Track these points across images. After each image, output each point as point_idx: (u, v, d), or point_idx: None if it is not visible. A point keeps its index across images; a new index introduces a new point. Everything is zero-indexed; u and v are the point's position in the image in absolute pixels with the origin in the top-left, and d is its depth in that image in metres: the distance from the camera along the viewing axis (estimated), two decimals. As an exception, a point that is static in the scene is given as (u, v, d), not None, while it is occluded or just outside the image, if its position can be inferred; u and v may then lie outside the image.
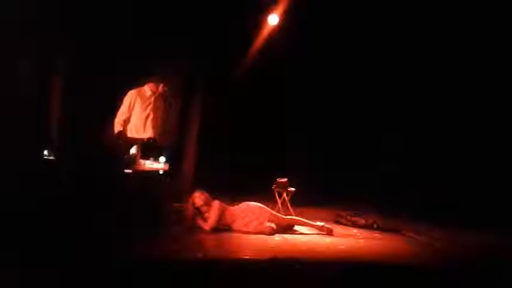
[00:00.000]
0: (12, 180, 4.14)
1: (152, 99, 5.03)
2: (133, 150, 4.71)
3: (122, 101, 5.02)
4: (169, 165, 4.94)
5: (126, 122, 4.96)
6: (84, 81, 6.06)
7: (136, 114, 4.95)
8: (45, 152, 4.64)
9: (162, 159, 4.86)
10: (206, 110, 7.03)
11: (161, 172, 4.84)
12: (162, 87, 5.09)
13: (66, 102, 6.06)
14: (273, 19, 6.85)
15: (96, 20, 5.94)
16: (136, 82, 5.13)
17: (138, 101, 4.97)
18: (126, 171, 4.62)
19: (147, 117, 4.97)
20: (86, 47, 6.07)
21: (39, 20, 5.44)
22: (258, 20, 6.89)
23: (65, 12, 5.73)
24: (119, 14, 6.01)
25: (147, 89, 5.04)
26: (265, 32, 6.97)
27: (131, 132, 4.97)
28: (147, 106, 4.99)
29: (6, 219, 3.74)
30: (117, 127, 4.94)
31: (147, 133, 4.95)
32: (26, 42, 5.40)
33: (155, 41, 6.15)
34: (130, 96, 4.99)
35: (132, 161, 4.68)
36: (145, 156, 4.80)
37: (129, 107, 4.96)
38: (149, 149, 4.85)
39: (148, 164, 4.82)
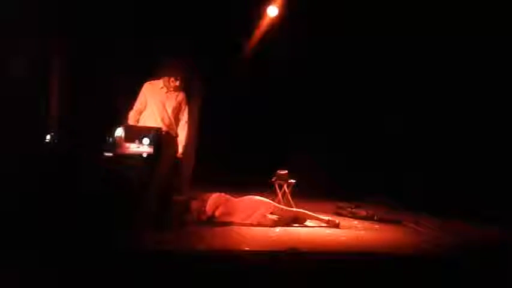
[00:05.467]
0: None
1: (164, 93, 5.05)
2: (118, 133, 4.57)
3: (137, 94, 5.02)
4: (154, 148, 4.60)
5: (141, 113, 4.99)
6: (84, 81, 6.10)
7: (149, 107, 4.99)
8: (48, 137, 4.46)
9: (146, 141, 4.58)
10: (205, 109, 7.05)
11: (145, 155, 4.53)
12: (173, 81, 5.11)
13: (65, 102, 6.08)
14: (273, 11, 6.81)
15: (96, 20, 5.98)
16: (141, 80, 5.15)
17: (151, 94, 4.99)
18: (106, 154, 4.47)
19: (157, 109, 4.99)
20: (86, 47, 6.11)
21: (39, 20, 5.49)
22: (258, 16, 6.90)
23: (65, 12, 5.78)
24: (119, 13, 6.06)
25: (161, 83, 5.07)
26: (264, 25, 6.94)
27: (144, 123, 4.97)
28: (159, 100, 5.02)
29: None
30: (131, 120, 4.96)
31: (157, 125, 4.95)
32: (26, 42, 5.43)
33: (155, 41, 6.18)
34: (144, 89, 5.03)
35: (116, 144, 4.51)
36: (130, 139, 4.59)
37: (141, 99, 5.00)
38: (134, 132, 4.66)
39: (134, 147, 4.59)
